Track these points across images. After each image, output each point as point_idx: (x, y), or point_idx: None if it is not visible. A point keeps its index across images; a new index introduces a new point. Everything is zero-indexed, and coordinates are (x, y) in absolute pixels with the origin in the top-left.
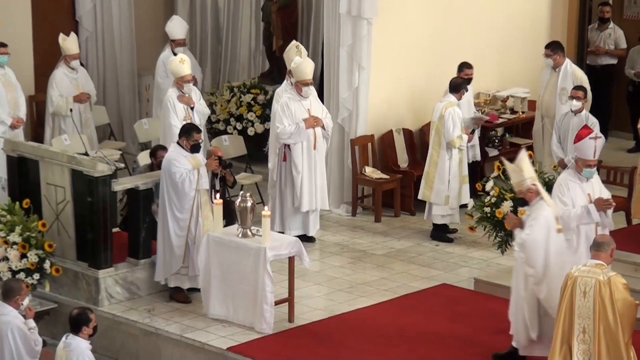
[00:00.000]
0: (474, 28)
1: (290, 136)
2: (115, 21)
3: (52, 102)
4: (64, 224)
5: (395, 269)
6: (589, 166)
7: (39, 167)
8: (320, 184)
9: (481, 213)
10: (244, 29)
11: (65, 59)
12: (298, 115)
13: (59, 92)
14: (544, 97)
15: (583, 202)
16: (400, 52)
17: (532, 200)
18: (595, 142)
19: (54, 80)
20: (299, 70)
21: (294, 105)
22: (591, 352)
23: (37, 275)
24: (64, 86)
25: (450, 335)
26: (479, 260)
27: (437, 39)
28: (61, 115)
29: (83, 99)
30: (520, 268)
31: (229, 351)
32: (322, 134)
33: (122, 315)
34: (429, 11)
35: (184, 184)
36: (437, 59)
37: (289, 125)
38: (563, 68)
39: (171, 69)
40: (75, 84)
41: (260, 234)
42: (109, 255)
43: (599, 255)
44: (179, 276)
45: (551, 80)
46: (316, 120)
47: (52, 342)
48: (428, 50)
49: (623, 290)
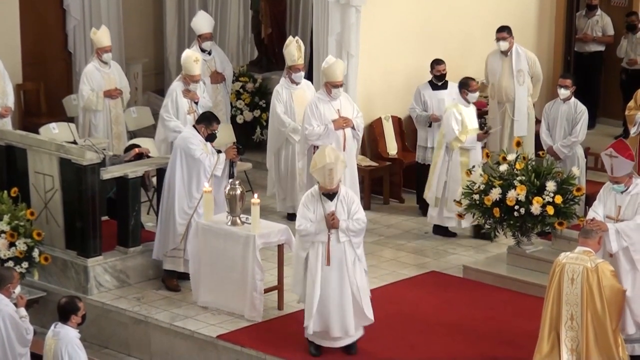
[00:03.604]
0: (461, 16)
1: (318, 137)
2: (103, 9)
3: (82, 96)
4: (53, 212)
5: (385, 256)
6: (615, 183)
7: (27, 156)
8: (349, 185)
9: (470, 200)
10: (233, 17)
11: (97, 52)
12: (327, 117)
13: (90, 87)
14: (501, 83)
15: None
16: (389, 40)
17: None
18: (611, 160)
19: (85, 75)
20: (329, 71)
21: (323, 106)
22: (579, 339)
23: (25, 264)
24: (95, 80)
25: (439, 322)
26: (467, 247)
27: (425, 26)
28: (92, 110)
29: (114, 94)
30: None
31: (219, 339)
32: (352, 135)
33: (111, 304)
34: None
35: (205, 162)
36: (425, 46)
37: (318, 126)
38: (514, 51)
39: (183, 64)
40: (107, 79)
41: (249, 222)
42: (98, 244)
43: (586, 243)
44: (175, 259)
45: (505, 65)
46: (346, 121)
47: (41, 330)
48: (416, 37)
49: (610, 277)
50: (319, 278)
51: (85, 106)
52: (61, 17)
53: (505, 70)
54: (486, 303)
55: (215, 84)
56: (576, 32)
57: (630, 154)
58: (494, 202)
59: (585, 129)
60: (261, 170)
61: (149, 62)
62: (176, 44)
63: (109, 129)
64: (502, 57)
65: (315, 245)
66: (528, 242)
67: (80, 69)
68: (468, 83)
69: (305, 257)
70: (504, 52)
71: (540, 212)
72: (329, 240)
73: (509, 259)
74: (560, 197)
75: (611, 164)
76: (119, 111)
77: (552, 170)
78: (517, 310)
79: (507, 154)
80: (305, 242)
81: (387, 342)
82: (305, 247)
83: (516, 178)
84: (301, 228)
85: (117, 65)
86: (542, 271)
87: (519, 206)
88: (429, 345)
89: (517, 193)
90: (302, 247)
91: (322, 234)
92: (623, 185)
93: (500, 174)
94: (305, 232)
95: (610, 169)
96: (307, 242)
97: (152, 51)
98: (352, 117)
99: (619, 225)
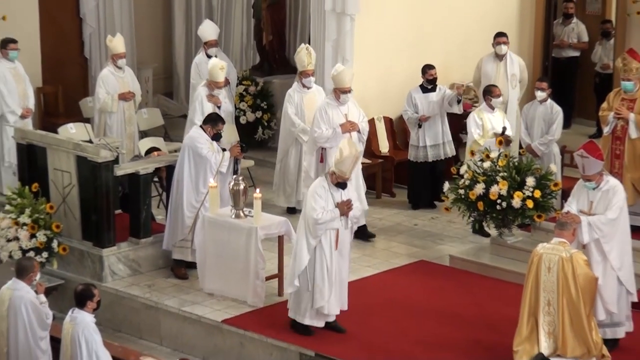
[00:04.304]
0: (449, 24)
1: (327, 140)
2: (117, 18)
3: (98, 99)
4: (70, 206)
5: (378, 246)
6: (587, 180)
7: (46, 154)
8: (355, 186)
9: (456, 195)
10: (237, 25)
11: (112, 58)
12: (335, 121)
13: (105, 90)
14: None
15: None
16: (381, 46)
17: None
18: (582, 160)
19: (101, 79)
20: (339, 78)
21: (332, 111)
22: (556, 323)
23: (45, 254)
24: (110, 84)
25: (428, 307)
26: (454, 238)
27: (415, 33)
28: (107, 112)
29: (128, 97)
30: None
31: (224, 323)
32: (357, 138)
33: (124, 291)
34: (407, 8)
35: (211, 159)
36: (414, 52)
37: (326, 129)
38: (508, 56)
39: (210, 70)
40: (121, 82)
41: (252, 215)
42: (112, 235)
43: (562, 234)
44: (183, 249)
45: (499, 69)
46: (352, 124)
47: (59, 315)
48: (406, 43)
49: (584, 266)
50: (330, 262)
51: (101, 108)
52: (78, 25)
53: (500, 74)
54: (471, 290)
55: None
56: (553, 39)
57: (599, 155)
58: (478, 196)
59: (560, 128)
60: (263, 167)
61: (158, 66)
62: (184, 50)
63: (122, 129)
64: (497, 61)
65: (328, 232)
66: (509, 234)
67: (96, 73)
68: (491, 90)
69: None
70: (500, 56)
71: (521, 206)
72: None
73: (492, 249)
74: (539, 191)
75: (582, 163)
76: (132, 112)
77: (532, 167)
78: (499, 297)
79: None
80: (320, 229)
81: (380, 325)
82: (318, 234)
83: (498, 174)
84: (320, 217)
85: (130, 70)
86: (522, 260)
87: (501, 200)
88: (419, 328)
89: (500, 188)
90: (315, 235)
91: (336, 221)
92: (594, 183)
93: (484, 171)
94: (323, 221)
95: (582, 168)
96: (322, 229)
97: (162, 56)
98: (358, 121)
99: (591, 218)
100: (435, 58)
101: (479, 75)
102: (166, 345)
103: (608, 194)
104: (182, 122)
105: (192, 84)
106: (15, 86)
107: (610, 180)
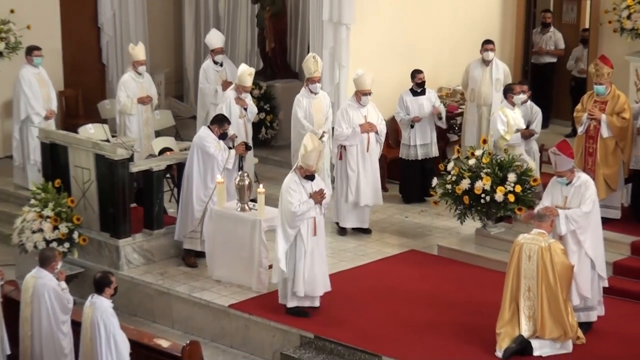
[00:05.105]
0: (437, 32)
1: (346, 138)
2: (132, 27)
3: (119, 102)
4: (90, 200)
5: (371, 237)
6: (559, 176)
7: (68, 152)
8: (372, 182)
9: (444, 190)
10: (241, 33)
11: (133, 65)
12: (355, 121)
13: (126, 94)
14: (481, 89)
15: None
16: (374, 53)
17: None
18: (555, 157)
19: (122, 84)
20: (360, 81)
21: (352, 112)
22: (535, 308)
23: (67, 244)
24: (130, 88)
25: (418, 293)
26: (441, 229)
27: (405, 41)
28: (127, 114)
29: (146, 101)
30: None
31: (230, 308)
32: (375, 139)
33: (139, 278)
34: (398, 18)
35: (218, 157)
36: (405, 58)
37: (346, 128)
38: (494, 63)
39: (239, 76)
40: (140, 87)
41: (256, 208)
42: (127, 227)
43: (541, 225)
44: (193, 239)
45: (485, 74)
46: (371, 126)
47: (80, 301)
48: (397, 51)
49: (561, 255)
50: (309, 247)
51: (121, 110)
52: (96, 34)
53: (486, 79)
54: (457, 277)
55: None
56: (533, 46)
57: (570, 153)
58: (464, 191)
59: (540, 126)
60: (266, 164)
61: (170, 71)
62: (193, 56)
63: (141, 130)
64: (484, 66)
65: (305, 221)
66: (492, 225)
67: (112, 78)
68: (512, 88)
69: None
70: (487, 62)
71: (503, 200)
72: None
73: (477, 239)
74: (520, 186)
75: (555, 160)
76: (149, 115)
77: (513, 164)
78: (483, 283)
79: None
80: (298, 220)
81: (374, 310)
82: (296, 225)
83: (483, 170)
84: (297, 209)
85: (148, 76)
86: (504, 250)
87: (485, 194)
88: (410, 312)
89: (484, 183)
90: (293, 226)
91: (312, 210)
92: (565, 179)
93: (469, 167)
94: (301, 212)
95: (555, 164)
96: (300, 220)
97: (173, 62)
98: (377, 123)
99: (568, 211)
100: (425, 63)
101: (466, 79)
102: (177, 328)
103: (580, 189)
104: (191, 122)
105: (200, 88)
106: (39, 90)
107: (581, 176)
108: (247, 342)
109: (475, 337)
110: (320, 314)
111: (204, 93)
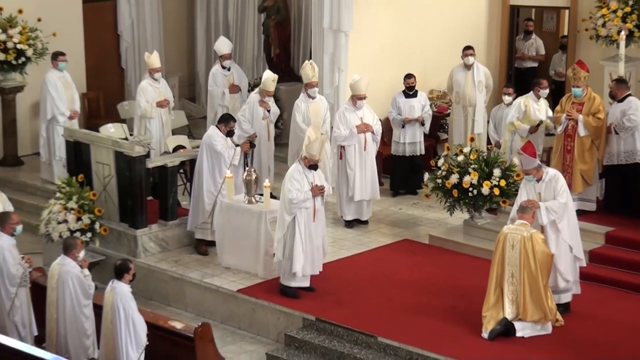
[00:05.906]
0: (429, 39)
1: (344, 139)
2: (149, 34)
3: (139, 107)
4: (110, 193)
5: (368, 227)
6: (526, 174)
7: (90, 150)
8: (370, 179)
9: (434, 184)
10: (249, 40)
11: (149, 72)
12: (352, 123)
13: (145, 99)
14: (465, 91)
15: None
16: (371, 58)
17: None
18: (520, 157)
19: (141, 90)
20: (356, 86)
21: (349, 114)
22: (518, 292)
23: (89, 234)
24: (149, 94)
25: (410, 279)
26: (433, 220)
27: (399, 47)
28: (147, 118)
29: (164, 104)
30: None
31: (238, 292)
32: (372, 138)
33: (155, 265)
34: (393, 26)
35: (225, 154)
36: (399, 63)
37: (344, 130)
38: (475, 67)
39: (263, 81)
40: (157, 92)
41: (262, 200)
42: (144, 218)
43: (523, 217)
44: (204, 230)
45: (468, 77)
46: (367, 126)
47: (101, 286)
48: (392, 56)
49: (542, 244)
50: (308, 232)
51: (142, 114)
52: (116, 41)
53: (469, 81)
54: (447, 264)
55: (233, 94)
56: (516, 52)
57: (533, 152)
58: (453, 185)
59: None
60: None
61: (183, 75)
62: (205, 62)
63: (161, 131)
64: (466, 70)
65: (302, 210)
66: (479, 216)
67: (131, 82)
68: (540, 82)
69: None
70: (468, 66)
71: (489, 193)
72: (314, 204)
73: (465, 230)
74: (504, 181)
75: (520, 160)
76: (168, 117)
77: (498, 160)
78: (471, 270)
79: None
80: (294, 208)
81: (370, 294)
82: (293, 212)
83: (470, 166)
84: (294, 197)
85: (164, 81)
86: (490, 239)
87: (473, 188)
88: (403, 297)
89: (471, 178)
90: (290, 212)
91: (308, 201)
92: (532, 177)
93: (458, 163)
94: (297, 201)
95: (521, 163)
96: (296, 208)
97: (186, 67)
98: (372, 123)
99: (547, 203)
100: (415, 68)
101: (451, 83)
102: (190, 311)
103: (552, 183)
104: (203, 122)
105: (209, 91)
106: (64, 92)
107: (549, 171)
108: (254, 324)
109: (463, 320)
110: (321, 298)
111: (213, 95)
